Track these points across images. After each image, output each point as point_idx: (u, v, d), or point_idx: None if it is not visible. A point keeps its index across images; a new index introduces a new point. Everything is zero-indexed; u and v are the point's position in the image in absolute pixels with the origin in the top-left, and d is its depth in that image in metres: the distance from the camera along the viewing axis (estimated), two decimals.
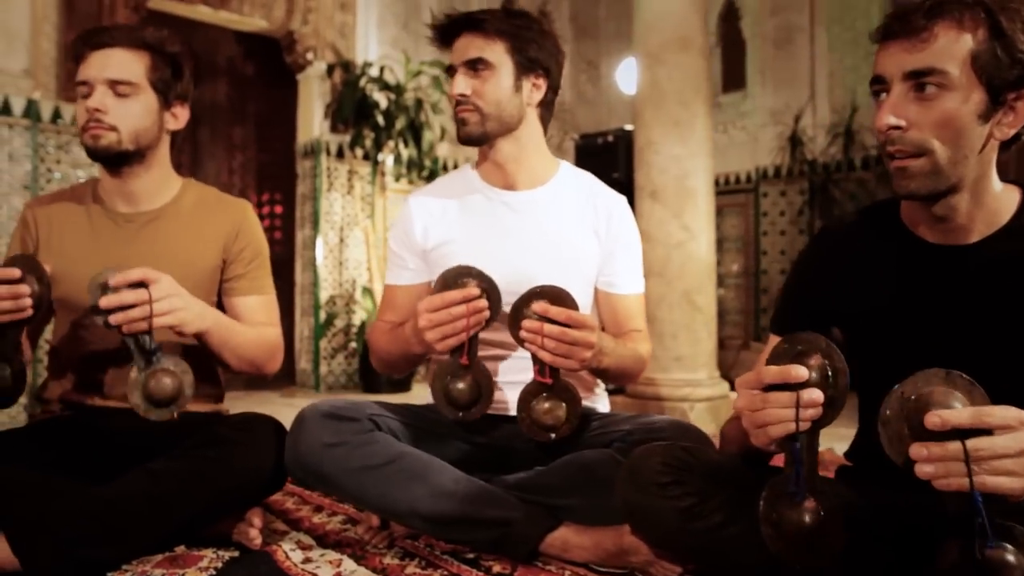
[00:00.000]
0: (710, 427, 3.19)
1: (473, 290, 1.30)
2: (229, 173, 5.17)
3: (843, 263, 1.18)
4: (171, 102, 1.51)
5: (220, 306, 1.63)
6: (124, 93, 1.44)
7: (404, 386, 4.87)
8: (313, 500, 1.82)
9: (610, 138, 4.44)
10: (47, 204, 1.57)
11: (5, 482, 1.28)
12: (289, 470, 1.32)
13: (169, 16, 4.79)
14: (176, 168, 1.63)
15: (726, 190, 5.92)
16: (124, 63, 1.44)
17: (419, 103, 4.90)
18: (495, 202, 1.55)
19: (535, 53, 1.48)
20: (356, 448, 1.27)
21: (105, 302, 1.25)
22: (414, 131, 4.84)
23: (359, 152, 5.03)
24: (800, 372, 0.88)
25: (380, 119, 4.79)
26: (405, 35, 5.48)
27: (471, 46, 1.46)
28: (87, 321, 1.51)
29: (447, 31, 1.51)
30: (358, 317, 5.07)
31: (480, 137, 1.50)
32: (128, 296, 1.26)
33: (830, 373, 0.90)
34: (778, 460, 1.07)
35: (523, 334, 1.28)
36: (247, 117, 5.24)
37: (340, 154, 5.08)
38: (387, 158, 5.05)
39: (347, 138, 4.98)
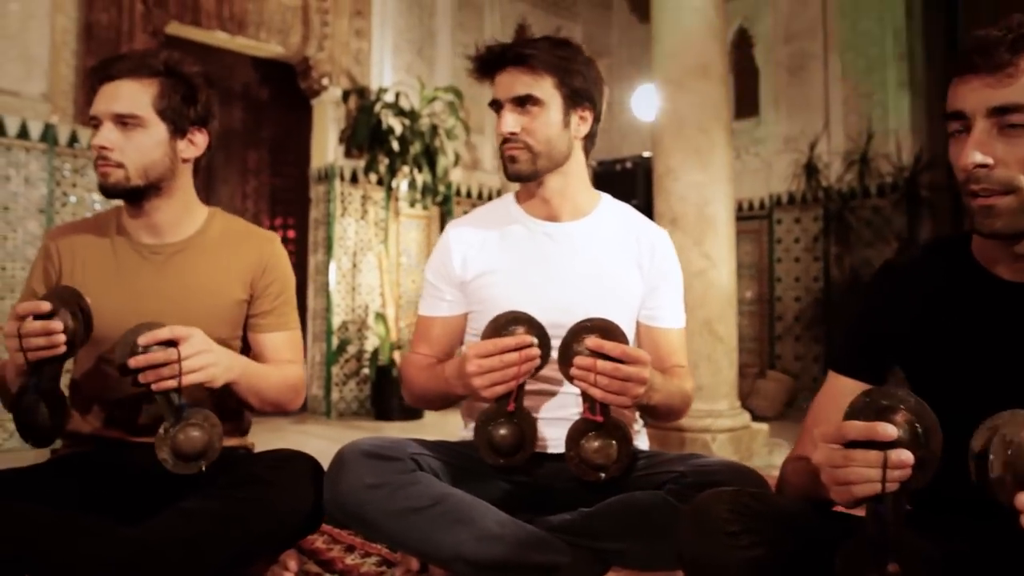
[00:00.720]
0: (733, 459, 3.13)
1: (527, 337, 1.26)
2: (243, 198, 5.15)
3: (910, 300, 1.14)
4: (185, 129, 1.47)
5: (244, 340, 1.59)
6: (129, 126, 1.40)
7: (417, 415, 4.81)
8: (344, 539, 1.76)
9: (628, 164, 4.42)
10: (70, 235, 1.52)
11: (29, 521, 1.22)
12: (328, 511, 1.27)
13: (187, 41, 4.80)
14: None
15: (740, 216, 5.87)
16: (129, 95, 1.39)
17: (434, 129, 4.90)
18: (536, 233, 1.52)
19: (581, 85, 1.45)
20: (399, 489, 1.22)
21: (134, 363, 1.22)
22: (429, 157, 4.83)
23: (373, 177, 5.01)
24: (888, 431, 0.83)
25: (395, 145, 4.79)
26: (419, 61, 5.50)
27: (518, 82, 1.42)
28: (111, 356, 1.46)
29: (490, 64, 1.47)
30: (370, 343, 5.02)
31: (530, 175, 1.46)
32: (157, 356, 1.23)
33: (920, 432, 0.85)
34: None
35: (574, 371, 1.24)
36: (261, 142, 5.23)
37: (354, 179, 5.07)
38: (401, 183, 5.04)
39: (361, 163, 4.98)
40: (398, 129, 4.85)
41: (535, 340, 1.28)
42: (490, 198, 5.83)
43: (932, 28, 5.39)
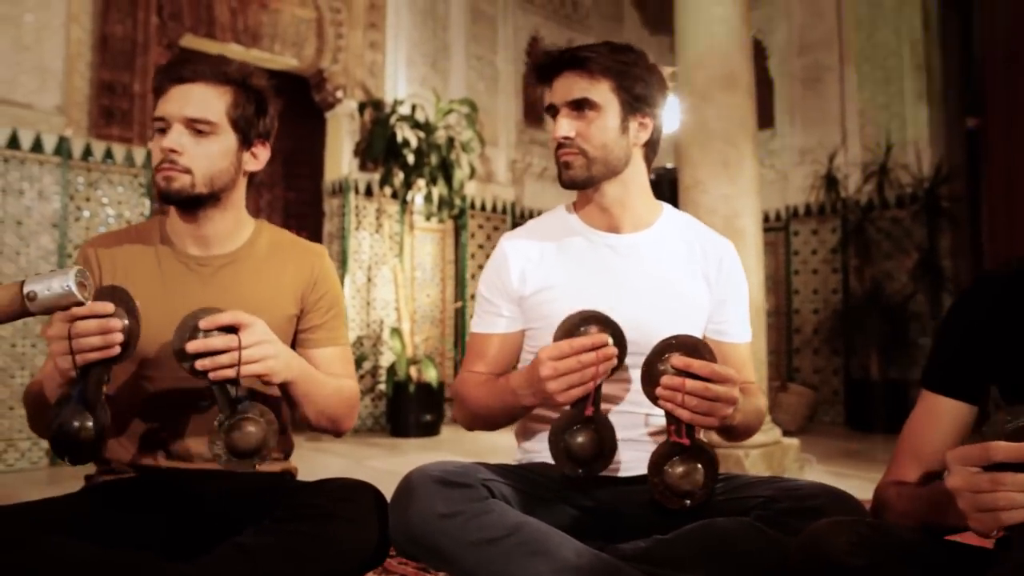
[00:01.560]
0: (765, 474, 3.06)
1: (604, 336, 1.19)
2: (256, 211, 5.09)
3: (1010, 314, 1.07)
4: (252, 141, 1.41)
5: None
6: (202, 132, 1.33)
7: (433, 431, 4.74)
8: (395, 570, 1.68)
9: (652, 176, 4.36)
10: (111, 244, 1.44)
11: (69, 558, 1.13)
12: (395, 543, 1.19)
13: (201, 54, 4.76)
14: None
15: None
16: (204, 100, 1.33)
17: (451, 141, 4.85)
18: (598, 245, 1.45)
19: (642, 91, 1.39)
20: (472, 519, 1.14)
21: (192, 346, 1.14)
22: (445, 170, 4.78)
23: (387, 191, 4.96)
24: None
25: (410, 158, 4.74)
26: (433, 74, 5.46)
27: (575, 86, 1.36)
28: (151, 372, 1.38)
29: (548, 68, 1.42)
30: (386, 359, 4.95)
31: (585, 181, 1.39)
32: (217, 341, 1.15)
33: None
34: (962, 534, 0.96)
35: (660, 391, 1.17)
36: (275, 155, 5.13)
37: (368, 192, 5.01)
38: (416, 196, 4.98)
39: (376, 176, 4.93)
40: (413, 142, 4.80)
41: (611, 339, 1.20)
42: (504, 211, 5.77)
43: (949, 39, 5.37)
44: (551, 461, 1.42)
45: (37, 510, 1.24)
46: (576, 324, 1.22)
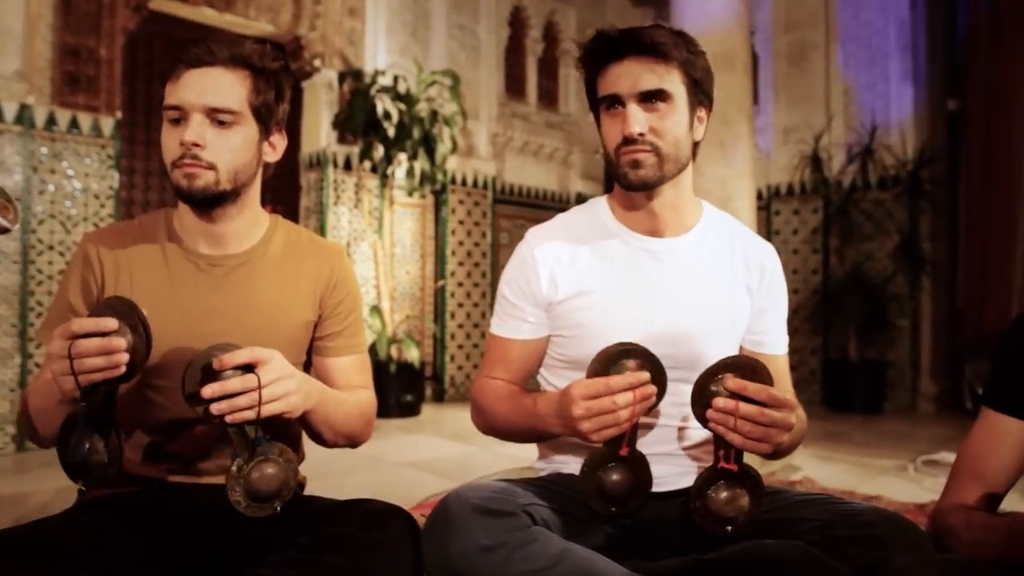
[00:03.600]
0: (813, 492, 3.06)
1: (643, 374, 1.10)
2: None
3: None
4: (271, 130, 1.29)
5: (308, 363, 1.42)
6: (224, 123, 1.21)
7: (414, 410, 4.66)
8: None
9: None
10: (112, 240, 1.31)
11: None
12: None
13: (171, 18, 4.52)
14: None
15: None
16: (226, 87, 1.20)
17: (434, 115, 4.70)
18: (635, 249, 1.35)
19: (703, 78, 1.27)
20: (516, 550, 1.07)
21: (209, 391, 1.03)
22: (427, 144, 4.64)
23: (367, 164, 4.80)
24: None
25: (391, 131, 4.58)
26: (414, 43, 5.28)
27: (649, 73, 1.21)
28: (158, 381, 1.27)
29: (607, 53, 1.28)
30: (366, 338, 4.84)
31: (656, 181, 1.25)
32: (235, 383, 1.04)
33: None
34: None
35: (712, 414, 1.09)
36: None
37: (347, 166, 4.85)
38: (396, 170, 4.84)
39: (355, 149, 4.76)
40: (394, 114, 4.64)
41: (649, 376, 1.12)
42: (485, 186, 5.65)
43: (934, 19, 5.34)
44: (577, 473, 1.35)
45: (31, 537, 1.14)
46: (613, 358, 1.13)
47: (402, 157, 4.74)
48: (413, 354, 4.56)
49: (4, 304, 3.61)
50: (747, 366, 1.11)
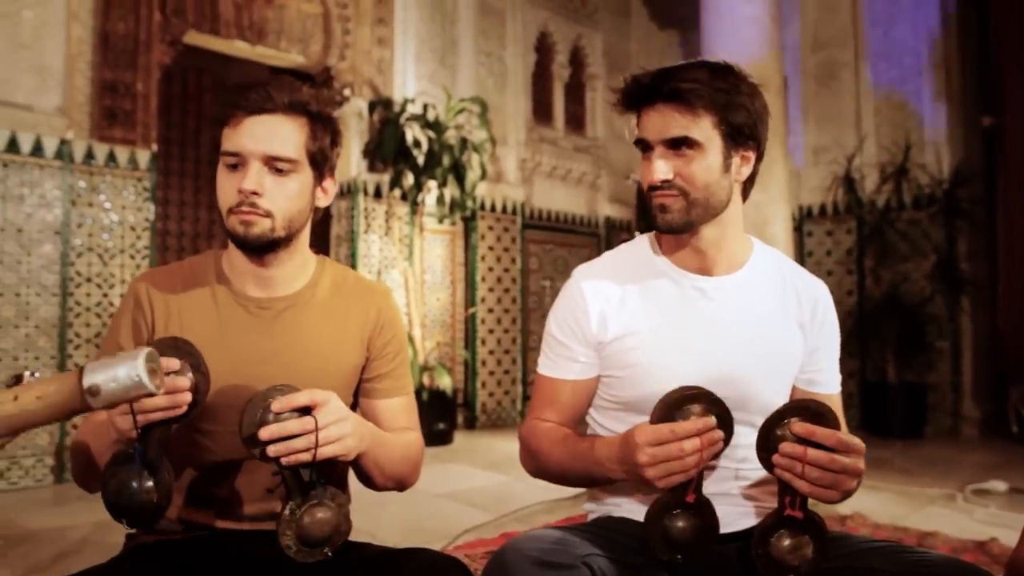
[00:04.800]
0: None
1: (710, 420, 1.07)
2: None
3: None
4: (324, 176, 1.28)
5: (353, 405, 1.40)
6: (282, 170, 1.20)
7: (446, 439, 4.63)
8: None
9: None
10: (164, 283, 1.31)
11: None
12: None
13: (205, 51, 4.60)
14: (207, 207, 1.38)
15: None
16: (285, 135, 1.20)
17: (463, 142, 4.71)
18: (686, 288, 1.32)
19: (745, 121, 1.24)
20: None
21: (267, 433, 1.02)
22: (456, 171, 4.65)
23: (397, 192, 4.82)
24: None
25: (420, 159, 4.60)
26: (442, 70, 5.32)
27: (672, 122, 1.21)
28: (205, 425, 1.26)
29: (638, 98, 1.27)
30: None
31: (683, 226, 1.25)
32: (293, 425, 1.03)
33: None
34: None
35: (778, 459, 1.06)
36: None
37: (378, 194, 4.88)
38: (426, 197, 4.86)
39: (385, 177, 4.79)
40: (424, 142, 4.67)
41: (715, 422, 1.09)
42: (514, 212, 5.65)
43: (967, 36, 5.28)
44: (631, 516, 1.32)
45: None
46: (677, 403, 1.10)
47: (432, 184, 4.75)
48: (445, 381, 4.54)
49: (44, 336, 3.66)
50: (814, 410, 1.08)
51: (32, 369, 0.90)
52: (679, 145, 1.21)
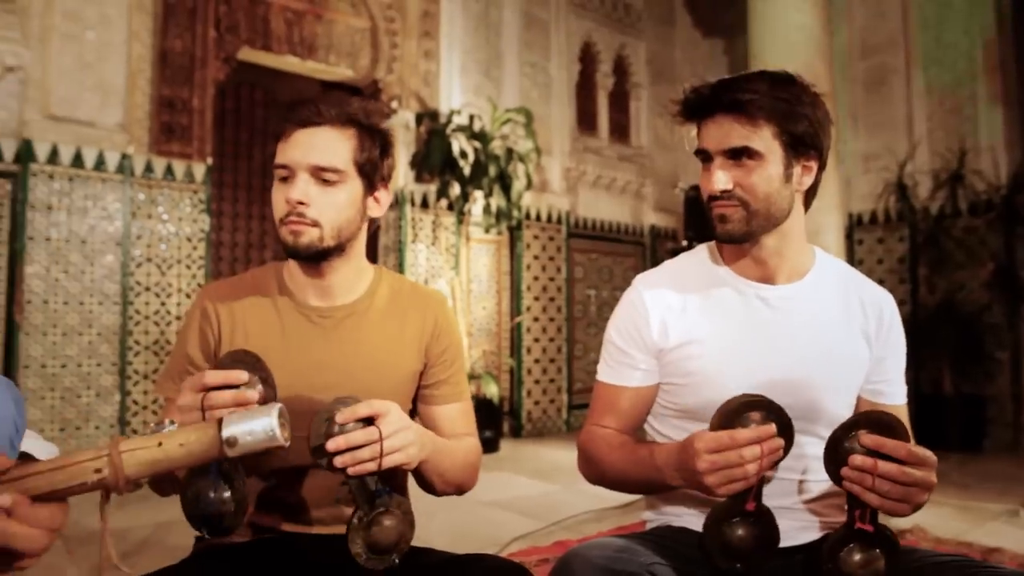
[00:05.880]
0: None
1: (769, 428, 1.07)
2: None
3: None
4: (376, 186, 1.31)
5: (412, 412, 1.42)
6: (329, 181, 1.24)
7: (493, 447, 4.65)
8: None
9: None
10: (228, 295, 1.35)
11: None
12: None
13: (258, 67, 4.72)
14: (259, 219, 1.41)
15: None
16: (331, 146, 1.23)
17: (509, 152, 4.75)
18: (748, 296, 1.32)
19: (806, 130, 1.24)
20: None
21: (333, 444, 1.05)
22: (502, 181, 4.68)
23: (443, 202, 4.88)
24: None
25: (466, 168, 4.65)
26: (487, 82, 5.37)
27: (732, 133, 1.22)
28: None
29: (698, 109, 1.28)
30: None
31: (743, 236, 1.25)
32: (358, 436, 1.06)
33: None
34: None
35: (848, 472, 1.05)
36: None
37: (425, 204, 4.94)
38: (472, 207, 4.90)
39: (432, 188, 4.85)
40: (470, 152, 4.72)
41: (775, 430, 1.08)
42: (559, 221, 5.67)
43: (1022, 38, 5.15)
44: (690, 527, 1.32)
45: None
46: (737, 411, 1.10)
47: (478, 194, 4.80)
48: (492, 390, 4.56)
49: (106, 343, 3.78)
50: (884, 422, 1.07)
51: (168, 419, 0.93)
52: (739, 155, 1.22)
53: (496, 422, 4.73)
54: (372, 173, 1.28)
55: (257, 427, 0.84)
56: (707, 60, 6.69)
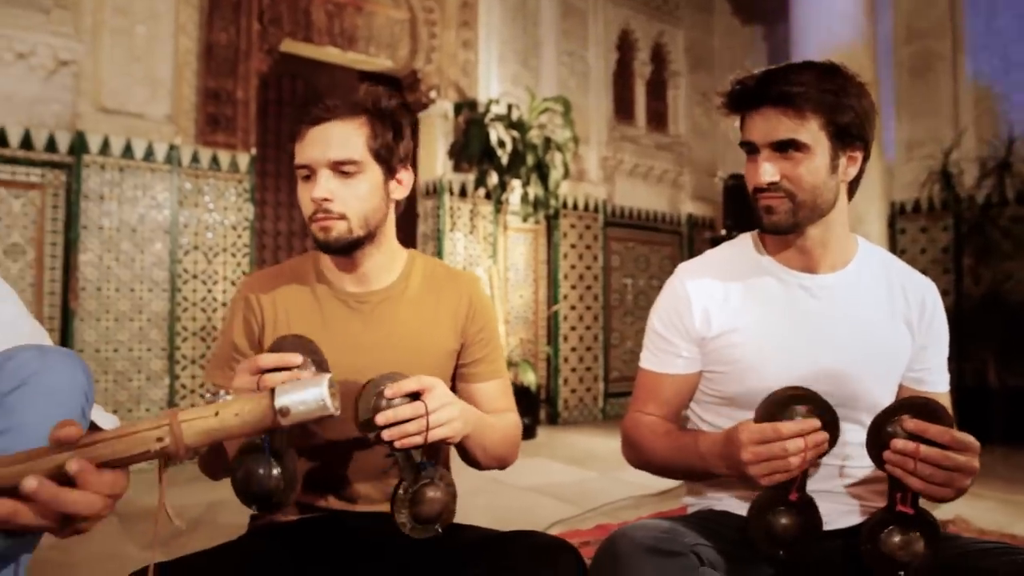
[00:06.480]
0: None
1: (814, 422, 1.09)
2: None
3: None
4: (395, 169, 1.34)
5: (452, 390, 1.46)
6: (348, 173, 1.27)
7: (530, 433, 4.69)
8: None
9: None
10: (268, 283, 1.41)
11: None
12: None
13: (299, 58, 4.80)
14: (300, 208, 1.46)
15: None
16: (344, 139, 1.26)
17: (547, 141, 4.77)
18: (791, 286, 1.34)
19: (852, 121, 1.24)
20: None
21: (383, 418, 1.09)
22: (541, 170, 4.71)
23: (481, 191, 4.92)
24: None
25: (504, 158, 4.68)
26: (525, 71, 5.38)
27: (779, 125, 1.22)
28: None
29: (744, 101, 1.29)
30: None
31: (789, 228, 1.26)
32: (405, 410, 1.10)
33: None
34: None
35: (890, 456, 1.07)
36: None
37: (463, 193, 4.99)
38: (510, 196, 4.93)
39: (470, 177, 4.89)
40: (508, 141, 4.74)
41: (820, 424, 1.10)
42: (596, 210, 5.67)
43: None
44: (732, 510, 1.34)
45: (217, 560, 1.22)
46: (781, 403, 1.12)
47: (516, 183, 4.83)
48: (530, 378, 4.61)
49: (156, 329, 3.90)
50: (926, 407, 1.08)
51: (221, 390, 0.97)
52: (786, 148, 1.23)
53: (533, 409, 4.78)
54: (389, 157, 1.30)
55: (309, 396, 0.87)
56: (747, 47, 6.61)
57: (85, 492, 0.79)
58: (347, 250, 1.32)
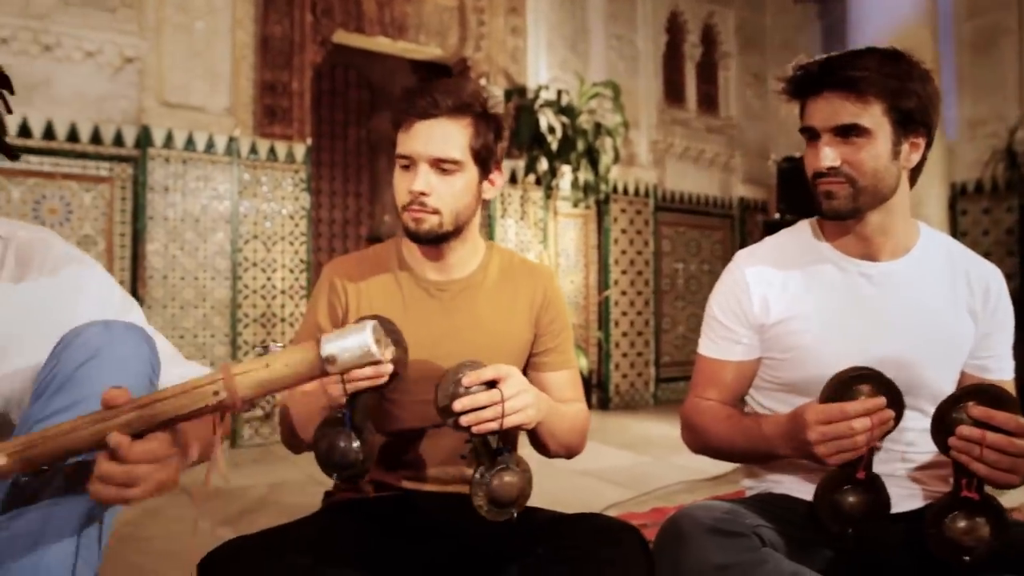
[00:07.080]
0: None
1: (879, 399, 1.11)
2: None
3: None
4: (490, 170, 1.39)
5: None
6: (448, 171, 1.32)
7: None
8: None
9: None
10: (351, 268, 1.47)
11: None
12: None
13: (351, 48, 4.87)
14: (355, 196, 1.49)
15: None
16: (449, 137, 1.31)
17: (597, 126, 4.76)
18: (851, 273, 1.34)
19: (915, 107, 1.24)
20: (749, 570, 1.10)
21: (460, 404, 1.14)
22: (591, 155, 4.71)
23: (531, 177, 4.94)
24: None
25: (554, 143, 4.69)
26: (574, 56, 5.37)
27: (842, 110, 1.23)
28: (394, 395, 1.40)
29: (806, 86, 1.30)
30: None
31: (850, 213, 1.27)
32: (482, 397, 1.15)
33: None
34: None
35: (955, 442, 1.08)
36: None
37: (513, 179, 5.02)
38: (560, 182, 4.95)
39: (520, 163, 4.92)
40: (557, 127, 4.75)
41: (885, 401, 1.12)
42: (647, 195, 5.65)
43: None
44: (791, 493, 1.36)
45: (295, 533, 1.28)
46: (846, 383, 1.14)
47: (566, 169, 4.84)
48: (581, 363, 4.63)
49: (218, 316, 4.04)
50: (992, 394, 1.08)
51: (273, 340, 1.02)
52: (848, 133, 1.23)
53: (586, 394, 4.80)
54: (488, 158, 1.36)
55: (352, 343, 0.90)
56: (799, 26, 6.47)
57: (123, 464, 0.84)
58: (434, 242, 1.37)
